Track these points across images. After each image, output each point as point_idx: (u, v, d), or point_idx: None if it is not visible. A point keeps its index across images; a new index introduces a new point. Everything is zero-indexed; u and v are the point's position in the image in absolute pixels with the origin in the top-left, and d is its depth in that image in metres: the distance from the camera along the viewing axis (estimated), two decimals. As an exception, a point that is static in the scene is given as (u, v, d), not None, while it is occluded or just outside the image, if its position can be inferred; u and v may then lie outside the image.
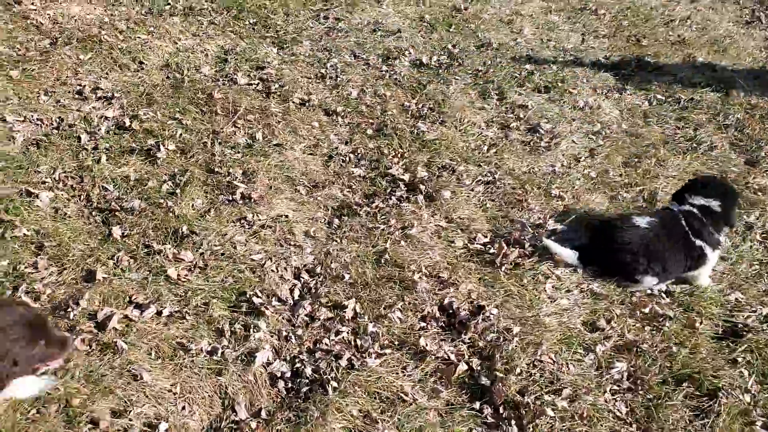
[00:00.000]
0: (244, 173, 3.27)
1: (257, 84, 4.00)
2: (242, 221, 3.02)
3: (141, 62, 3.97)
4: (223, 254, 2.82)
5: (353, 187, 3.41)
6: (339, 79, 4.23)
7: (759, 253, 3.22)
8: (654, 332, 2.67)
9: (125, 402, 2.17)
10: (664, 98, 4.56)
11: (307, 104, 3.91)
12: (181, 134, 3.45)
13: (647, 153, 3.89)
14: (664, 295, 2.89)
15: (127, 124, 3.44)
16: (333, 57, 4.45)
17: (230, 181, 3.20)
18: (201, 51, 4.20)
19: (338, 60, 4.42)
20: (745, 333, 2.69)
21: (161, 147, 3.30)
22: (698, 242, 2.88)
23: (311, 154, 3.58)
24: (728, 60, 5.25)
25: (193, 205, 3.05)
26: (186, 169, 3.22)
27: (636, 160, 3.82)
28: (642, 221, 2.93)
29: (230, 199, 3.11)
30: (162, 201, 3.00)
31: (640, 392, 2.42)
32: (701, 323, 2.73)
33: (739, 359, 2.57)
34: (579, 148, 3.85)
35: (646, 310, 2.77)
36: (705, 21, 6.06)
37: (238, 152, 3.41)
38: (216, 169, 3.25)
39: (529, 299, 2.79)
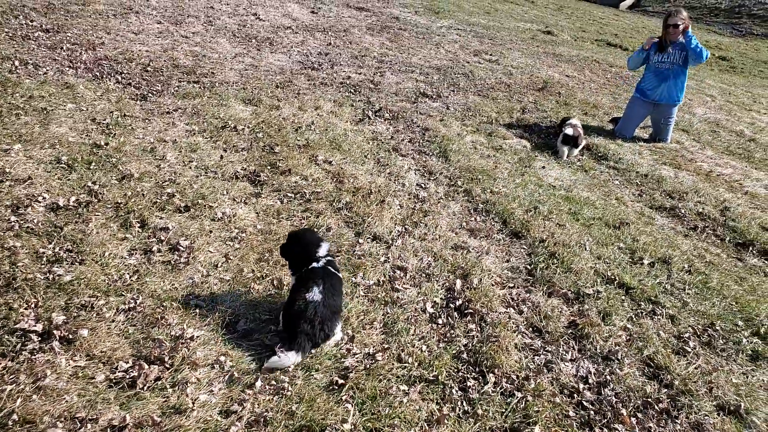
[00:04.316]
0: None
1: None
2: None
3: None
4: None
5: (-26, 355, 3.23)
6: (-46, 241, 3.98)
7: (363, 305, 4.17)
8: (279, 399, 3.22)
9: None
10: (293, 195, 5.54)
11: None
12: None
13: (278, 246, 4.66)
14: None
15: None
16: (-56, 219, 4.17)
17: None
18: None
19: (-49, 221, 4.16)
20: (349, 375, 3.45)
21: None
22: None
23: None
24: (342, 154, 6.67)
25: None
26: None
27: (268, 254, 4.55)
28: (314, 294, 3.44)
29: None
30: None
31: (269, 455, 2.90)
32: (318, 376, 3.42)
33: (345, 397, 3.30)
34: (216, 256, 4.40)
35: (275, 383, 3.32)
36: (327, 124, 7.56)
37: None
38: None
39: (171, 407, 3.07)
